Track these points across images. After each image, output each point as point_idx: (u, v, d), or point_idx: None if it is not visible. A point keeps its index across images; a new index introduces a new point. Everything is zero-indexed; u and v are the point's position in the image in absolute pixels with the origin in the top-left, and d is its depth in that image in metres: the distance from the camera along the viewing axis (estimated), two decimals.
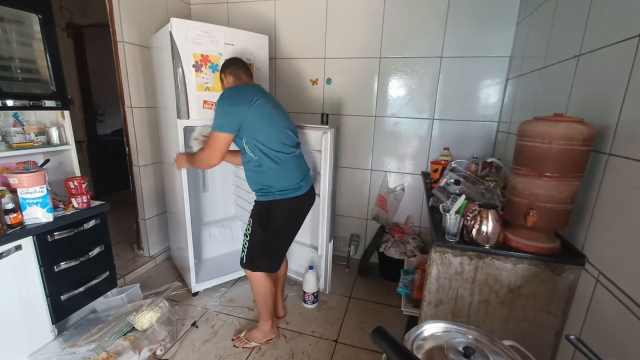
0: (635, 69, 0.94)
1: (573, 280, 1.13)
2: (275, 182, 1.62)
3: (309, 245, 2.31)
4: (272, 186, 1.63)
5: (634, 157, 0.92)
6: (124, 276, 2.38)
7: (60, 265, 1.57)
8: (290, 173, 1.64)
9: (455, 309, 1.29)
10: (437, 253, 1.25)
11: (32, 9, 1.56)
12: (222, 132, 1.53)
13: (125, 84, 2.34)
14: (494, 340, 0.78)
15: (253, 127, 1.54)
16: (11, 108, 1.55)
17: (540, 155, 1.06)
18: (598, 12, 1.18)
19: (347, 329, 1.99)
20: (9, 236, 1.35)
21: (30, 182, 1.43)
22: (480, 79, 2.27)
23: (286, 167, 1.63)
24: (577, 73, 1.27)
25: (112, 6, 2.18)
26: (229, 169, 2.84)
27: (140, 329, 1.69)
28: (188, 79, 1.85)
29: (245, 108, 1.51)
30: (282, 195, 1.63)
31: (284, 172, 1.62)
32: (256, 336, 1.83)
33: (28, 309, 1.48)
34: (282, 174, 1.62)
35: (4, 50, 1.52)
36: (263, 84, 2.20)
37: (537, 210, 1.09)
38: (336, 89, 2.59)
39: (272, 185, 1.63)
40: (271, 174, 1.61)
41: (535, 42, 1.76)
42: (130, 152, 2.46)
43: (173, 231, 2.57)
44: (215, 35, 1.90)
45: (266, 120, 1.57)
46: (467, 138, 2.37)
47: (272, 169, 1.60)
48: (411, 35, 2.33)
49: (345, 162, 2.69)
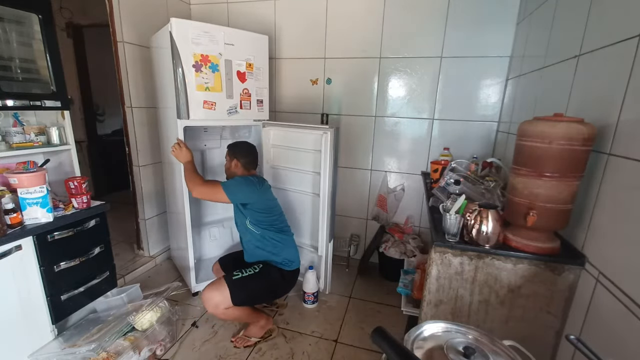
0: (635, 69, 0.94)
1: (573, 280, 1.13)
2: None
3: (309, 245, 2.31)
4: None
5: (634, 157, 0.92)
6: (124, 276, 2.37)
7: (60, 265, 1.57)
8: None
9: (455, 309, 1.29)
10: (437, 253, 1.25)
11: (32, 9, 1.56)
12: (225, 192, 1.72)
13: (125, 84, 2.34)
14: (494, 340, 0.78)
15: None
16: (11, 108, 1.55)
17: (540, 155, 1.06)
18: (598, 12, 1.18)
19: (347, 329, 1.99)
20: (9, 236, 1.35)
21: (30, 182, 1.43)
22: (480, 79, 2.27)
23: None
24: (577, 73, 1.27)
25: (112, 6, 2.18)
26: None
27: (140, 329, 1.69)
28: (188, 79, 1.85)
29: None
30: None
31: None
32: (254, 332, 1.84)
33: (28, 309, 1.48)
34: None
35: (4, 50, 1.52)
36: (263, 84, 2.21)
37: (537, 210, 1.09)
38: (336, 89, 2.59)
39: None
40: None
41: (535, 42, 1.76)
42: (130, 152, 2.46)
43: (173, 231, 2.57)
44: (215, 35, 1.90)
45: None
46: (467, 138, 2.37)
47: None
48: (411, 35, 2.33)
49: (345, 162, 2.69)
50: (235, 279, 1.70)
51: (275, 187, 2.38)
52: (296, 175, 2.27)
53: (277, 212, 1.89)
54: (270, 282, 1.79)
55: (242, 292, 1.69)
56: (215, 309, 1.66)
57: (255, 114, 2.22)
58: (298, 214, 2.34)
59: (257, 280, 1.75)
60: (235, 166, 1.86)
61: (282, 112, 2.77)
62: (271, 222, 1.84)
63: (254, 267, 1.78)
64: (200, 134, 2.54)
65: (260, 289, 1.76)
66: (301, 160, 2.21)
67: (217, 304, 1.65)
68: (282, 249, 1.85)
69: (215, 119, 2.03)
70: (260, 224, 1.81)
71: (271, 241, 1.83)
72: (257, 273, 1.76)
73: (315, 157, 2.11)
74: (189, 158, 1.88)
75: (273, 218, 1.85)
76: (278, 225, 1.87)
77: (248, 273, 1.74)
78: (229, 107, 2.06)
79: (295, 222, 2.34)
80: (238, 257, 2.00)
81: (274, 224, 1.85)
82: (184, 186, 2.03)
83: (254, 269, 1.77)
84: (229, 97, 2.04)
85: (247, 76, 2.09)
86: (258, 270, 1.77)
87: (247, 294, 1.72)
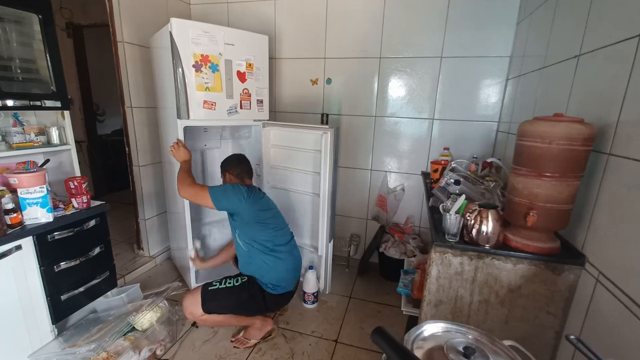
0: (635, 69, 0.94)
1: (573, 280, 1.13)
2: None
3: (309, 245, 2.31)
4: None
5: (634, 157, 0.92)
6: (124, 276, 2.37)
7: (60, 265, 1.57)
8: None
9: (455, 309, 1.29)
10: (437, 253, 1.25)
11: (32, 9, 1.56)
12: (211, 197, 1.66)
13: (125, 84, 2.34)
14: (494, 340, 0.78)
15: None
16: (11, 108, 1.55)
17: (540, 155, 1.06)
18: (598, 12, 1.18)
19: (347, 329, 1.99)
20: (9, 236, 1.35)
21: (30, 182, 1.43)
22: (480, 79, 2.27)
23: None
24: (577, 73, 1.27)
25: (112, 6, 2.18)
26: None
27: (140, 329, 1.69)
28: (188, 79, 1.85)
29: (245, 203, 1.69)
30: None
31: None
32: (253, 333, 1.83)
33: (28, 309, 1.48)
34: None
35: (4, 50, 1.52)
36: (263, 84, 2.21)
37: (537, 210, 1.09)
38: (336, 89, 2.59)
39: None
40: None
41: (535, 42, 1.76)
42: (130, 152, 2.46)
43: (173, 231, 2.57)
44: (215, 35, 1.90)
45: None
46: (467, 138, 2.37)
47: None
48: (411, 35, 2.33)
49: (345, 162, 2.69)
50: (209, 289, 1.68)
51: (275, 187, 2.39)
52: (296, 175, 2.27)
53: (270, 226, 1.75)
54: (246, 300, 1.70)
55: (213, 304, 1.66)
56: (191, 315, 1.68)
57: (255, 114, 2.22)
58: (298, 214, 2.34)
59: (233, 293, 1.69)
60: (230, 180, 1.85)
61: (282, 112, 2.77)
62: (260, 239, 1.73)
63: (236, 279, 1.73)
64: (200, 134, 2.54)
65: (232, 303, 1.70)
66: (301, 160, 2.21)
67: (192, 311, 1.66)
68: (267, 271, 1.73)
69: (215, 119, 2.03)
70: (248, 239, 1.73)
71: (258, 261, 1.73)
72: (236, 287, 1.70)
73: (315, 157, 2.11)
74: (186, 158, 1.89)
75: (264, 234, 1.73)
76: (268, 244, 1.73)
77: (226, 285, 1.70)
78: (229, 107, 2.06)
79: (295, 222, 2.34)
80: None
81: (263, 243, 1.73)
82: None
83: (236, 281, 1.72)
84: (229, 97, 2.04)
85: (247, 76, 2.09)
86: (239, 284, 1.71)
87: (218, 305, 1.67)
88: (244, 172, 1.86)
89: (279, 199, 2.38)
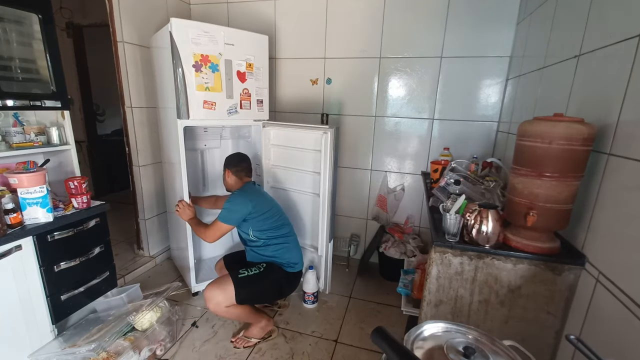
0: (635, 69, 0.94)
1: (573, 280, 1.13)
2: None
3: (309, 245, 2.31)
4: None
5: (634, 157, 0.92)
6: (124, 276, 2.37)
7: (60, 265, 1.57)
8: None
9: (455, 309, 1.29)
10: (437, 253, 1.25)
11: (32, 9, 1.56)
12: (225, 223, 1.79)
13: (125, 84, 2.34)
14: (494, 340, 0.78)
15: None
16: (11, 108, 1.55)
17: (540, 155, 1.06)
18: (598, 12, 1.18)
19: (347, 329, 1.99)
20: (9, 236, 1.35)
21: (30, 182, 1.43)
22: (480, 79, 2.27)
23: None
24: (577, 73, 1.27)
25: (112, 6, 2.18)
26: None
27: (140, 329, 1.69)
28: (188, 79, 1.85)
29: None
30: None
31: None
32: (254, 333, 1.84)
33: (28, 309, 1.48)
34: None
35: (4, 50, 1.52)
36: (263, 84, 2.21)
37: (537, 210, 1.09)
38: (336, 89, 2.59)
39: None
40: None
41: (535, 42, 1.76)
42: (130, 152, 2.46)
43: (173, 231, 2.57)
44: (215, 35, 1.90)
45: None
46: (467, 138, 2.37)
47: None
48: (411, 35, 2.33)
49: (345, 162, 2.69)
50: (240, 277, 1.72)
51: (275, 187, 2.39)
52: (296, 175, 2.27)
53: (276, 212, 1.90)
54: (275, 282, 1.80)
55: (246, 291, 1.70)
56: (217, 306, 1.67)
57: (255, 114, 2.22)
58: (298, 213, 2.34)
59: (262, 279, 1.76)
60: (229, 176, 1.91)
61: (282, 112, 2.77)
62: (273, 226, 1.85)
63: (258, 267, 1.79)
64: (200, 133, 2.54)
65: (264, 289, 1.78)
66: (301, 160, 2.21)
67: (219, 301, 1.66)
68: (284, 252, 1.86)
69: (215, 118, 2.03)
70: (263, 231, 1.83)
71: (274, 246, 1.85)
72: (261, 272, 1.77)
73: (315, 157, 2.11)
74: (192, 215, 1.96)
75: (273, 220, 1.85)
76: (280, 229, 1.88)
77: (253, 272, 1.75)
78: (229, 107, 2.06)
79: (295, 222, 2.33)
80: (243, 256, 2.00)
81: (276, 228, 1.86)
82: (184, 186, 2.03)
83: (259, 269, 1.78)
84: (229, 97, 2.04)
85: (247, 76, 2.09)
86: (262, 270, 1.78)
87: (251, 293, 1.73)
88: (242, 170, 1.92)
89: (279, 199, 2.38)
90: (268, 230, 1.84)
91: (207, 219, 2.72)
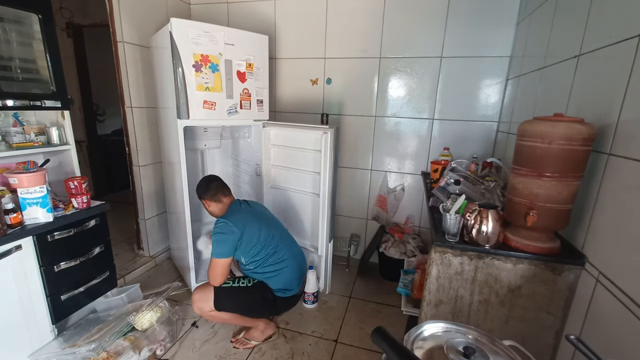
0: (635, 69, 0.94)
1: (573, 280, 1.13)
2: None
3: (309, 245, 2.31)
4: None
5: (634, 157, 0.92)
6: (124, 276, 2.37)
7: (60, 265, 1.57)
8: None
9: (455, 309, 1.28)
10: (437, 253, 1.25)
11: (32, 9, 1.56)
12: (220, 259, 1.65)
13: (125, 84, 2.34)
14: (494, 340, 0.78)
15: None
16: (11, 108, 1.55)
17: (540, 155, 1.06)
18: (598, 12, 1.18)
19: (347, 329, 1.99)
20: (9, 236, 1.35)
21: (30, 182, 1.43)
22: (480, 79, 2.27)
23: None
24: (577, 73, 1.27)
25: (112, 6, 2.18)
26: (229, 168, 2.85)
27: (140, 329, 1.69)
28: (188, 79, 1.85)
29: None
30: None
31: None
32: (254, 335, 1.83)
33: (28, 309, 1.48)
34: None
35: (4, 50, 1.52)
36: (263, 84, 2.21)
37: (537, 210, 1.09)
38: (336, 89, 2.59)
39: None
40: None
41: (535, 42, 1.76)
42: (130, 152, 2.46)
43: (173, 231, 2.57)
44: (215, 35, 1.90)
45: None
46: (467, 138, 2.37)
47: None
48: (411, 35, 2.33)
49: (345, 162, 2.69)
50: (223, 286, 1.70)
51: (275, 187, 2.39)
52: (296, 175, 2.27)
53: (269, 235, 1.76)
54: (262, 301, 1.74)
55: (226, 301, 1.69)
56: (200, 310, 1.69)
57: (255, 113, 2.22)
58: (298, 214, 2.34)
59: (246, 294, 1.72)
60: (208, 205, 1.80)
61: (282, 112, 2.77)
62: (266, 254, 1.75)
63: (249, 280, 1.77)
64: (200, 133, 2.54)
65: (247, 303, 1.73)
66: (301, 160, 2.21)
67: (201, 306, 1.68)
68: (278, 280, 1.76)
69: (215, 118, 2.03)
70: (256, 261, 1.74)
71: (267, 274, 1.76)
72: (248, 287, 1.73)
73: (315, 157, 2.11)
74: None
75: (265, 246, 1.74)
76: (274, 255, 1.76)
77: (239, 284, 1.73)
78: (229, 107, 2.06)
79: (295, 222, 2.34)
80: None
81: (268, 256, 1.75)
82: (184, 186, 2.03)
83: (249, 282, 1.76)
84: (229, 97, 2.04)
85: (247, 76, 2.09)
86: (250, 286, 1.74)
87: (232, 303, 1.70)
88: (216, 191, 1.78)
89: (279, 199, 2.39)
90: (261, 259, 1.75)
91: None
